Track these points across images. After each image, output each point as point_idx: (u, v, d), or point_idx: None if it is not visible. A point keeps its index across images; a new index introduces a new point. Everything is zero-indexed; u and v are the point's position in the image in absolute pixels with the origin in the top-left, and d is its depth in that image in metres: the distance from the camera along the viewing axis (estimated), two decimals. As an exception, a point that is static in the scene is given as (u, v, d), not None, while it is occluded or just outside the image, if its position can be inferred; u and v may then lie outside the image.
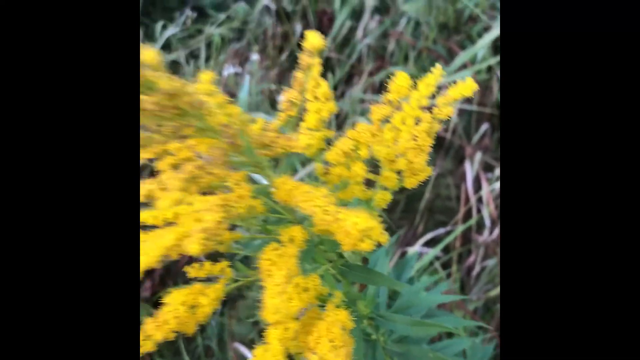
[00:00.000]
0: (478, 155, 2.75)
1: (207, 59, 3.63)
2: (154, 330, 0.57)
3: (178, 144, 0.56)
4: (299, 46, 0.66)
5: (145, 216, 0.64)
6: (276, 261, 0.52)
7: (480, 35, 2.91)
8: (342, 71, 3.21)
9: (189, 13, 3.92)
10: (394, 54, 3.16)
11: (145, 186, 0.55)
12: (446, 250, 2.54)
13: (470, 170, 2.76)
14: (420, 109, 0.63)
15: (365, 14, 3.27)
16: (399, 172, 0.61)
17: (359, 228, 0.46)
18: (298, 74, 0.63)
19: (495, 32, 2.69)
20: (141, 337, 0.57)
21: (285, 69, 3.26)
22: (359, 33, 3.22)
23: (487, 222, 2.49)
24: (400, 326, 0.77)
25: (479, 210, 2.60)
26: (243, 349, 2.44)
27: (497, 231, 2.45)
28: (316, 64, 0.63)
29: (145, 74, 0.45)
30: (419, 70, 2.96)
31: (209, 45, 3.68)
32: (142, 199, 0.56)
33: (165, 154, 0.58)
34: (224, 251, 0.61)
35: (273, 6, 3.65)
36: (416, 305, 0.91)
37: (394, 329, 0.77)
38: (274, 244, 0.55)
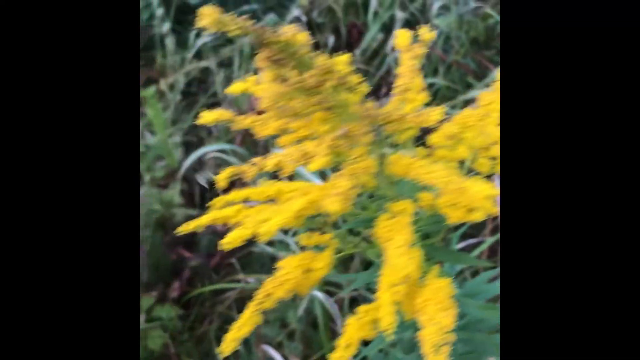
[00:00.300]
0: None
1: (239, 67, 3.70)
2: (274, 289, 0.62)
3: (300, 122, 0.61)
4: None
5: (250, 192, 0.69)
6: (393, 228, 0.58)
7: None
8: (371, 82, 3.27)
9: (220, 22, 3.98)
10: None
11: (275, 158, 0.60)
12: (474, 259, 2.57)
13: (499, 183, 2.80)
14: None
15: (395, 27, 3.34)
16: (493, 159, 0.66)
17: (484, 194, 0.51)
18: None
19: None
20: (262, 295, 0.62)
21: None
22: (389, 45, 3.29)
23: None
24: (472, 309, 0.82)
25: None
26: (271, 351, 2.47)
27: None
28: (415, 59, 0.69)
29: (301, 51, 0.50)
30: (448, 83, 3.02)
31: (240, 53, 3.75)
32: (271, 168, 0.61)
33: (286, 132, 0.64)
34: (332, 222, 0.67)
35: (304, 18, 3.72)
36: (479, 293, 0.96)
37: (467, 312, 0.82)
38: (386, 215, 0.61)
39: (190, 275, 2.81)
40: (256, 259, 2.81)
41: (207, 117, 0.67)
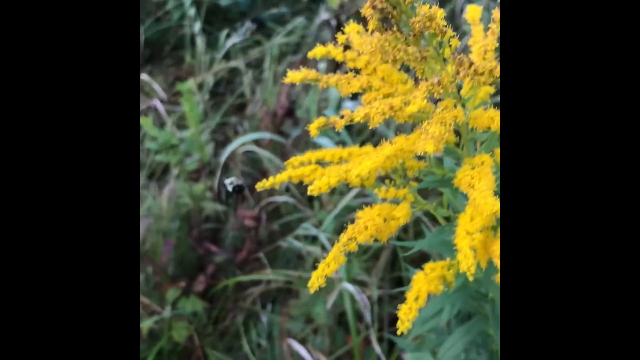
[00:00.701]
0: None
1: (269, 68, 3.75)
2: (356, 233, 0.65)
3: (382, 82, 0.65)
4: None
5: (324, 153, 0.73)
6: (475, 176, 0.61)
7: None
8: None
9: (249, 25, 4.06)
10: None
11: (363, 110, 0.64)
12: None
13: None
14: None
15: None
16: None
17: None
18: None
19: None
20: (346, 241, 0.66)
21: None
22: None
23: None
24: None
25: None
26: (297, 345, 2.49)
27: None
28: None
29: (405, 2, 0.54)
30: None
31: (270, 55, 3.80)
32: (360, 119, 0.64)
33: (369, 89, 0.68)
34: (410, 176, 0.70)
35: (333, 21, 3.77)
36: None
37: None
38: (466, 167, 0.64)
39: (215, 269, 2.84)
40: (282, 255, 2.84)
41: (294, 76, 0.71)
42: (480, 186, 0.60)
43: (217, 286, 2.68)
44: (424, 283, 0.70)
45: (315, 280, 0.67)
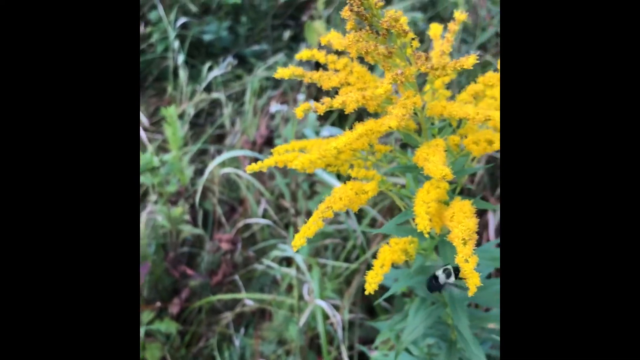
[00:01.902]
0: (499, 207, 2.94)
1: (249, 101, 3.88)
2: (332, 203, 0.77)
3: (357, 78, 0.78)
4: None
5: (307, 143, 0.85)
6: (430, 152, 0.74)
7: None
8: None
9: (230, 59, 4.20)
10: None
11: (341, 98, 0.76)
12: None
13: (492, 220, 2.95)
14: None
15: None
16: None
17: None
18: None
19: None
20: (324, 209, 0.77)
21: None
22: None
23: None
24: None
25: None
26: (269, 365, 2.55)
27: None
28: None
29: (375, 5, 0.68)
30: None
31: (251, 89, 3.93)
32: (338, 105, 0.77)
33: (347, 84, 0.81)
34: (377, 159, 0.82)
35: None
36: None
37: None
38: (424, 147, 0.77)
39: (190, 293, 2.88)
40: (257, 279, 2.91)
41: (283, 72, 0.83)
42: (433, 159, 0.72)
43: (191, 307, 2.73)
44: (388, 253, 0.82)
45: (297, 240, 0.78)
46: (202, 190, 3.16)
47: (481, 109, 0.72)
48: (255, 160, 3.14)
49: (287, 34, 4.32)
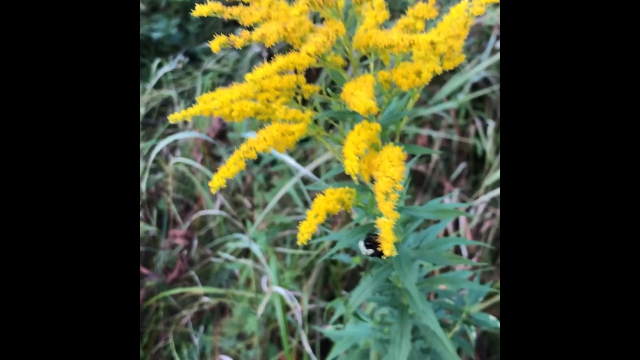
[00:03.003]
0: (456, 192, 2.96)
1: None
2: (255, 143, 0.72)
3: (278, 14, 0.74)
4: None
5: (232, 92, 0.80)
6: (358, 87, 0.70)
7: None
8: None
9: (180, 57, 4.13)
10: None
11: (260, 30, 0.72)
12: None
13: (447, 201, 2.95)
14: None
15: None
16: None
17: (436, 40, 0.64)
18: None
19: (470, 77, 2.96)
20: (246, 149, 0.72)
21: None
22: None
23: (464, 253, 2.66)
24: (423, 213, 0.94)
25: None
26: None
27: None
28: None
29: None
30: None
31: (201, 86, 3.87)
32: (257, 38, 0.72)
33: (269, 19, 0.76)
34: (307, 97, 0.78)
35: (265, 53, 3.89)
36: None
37: (417, 216, 0.93)
38: (351, 82, 0.73)
39: (147, 293, 2.80)
40: (215, 275, 2.84)
41: (201, 9, 0.78)
42: (359, 93, 0.68)
43: (145, 304, 2.64)
44: (322, 202, 0.78)
45: (216, 181, 0.73)
46: (156, 190, 3.08)
47: (405, 35, 0.68)
48: (211, 153, 3.04)
49: (238, 32, 4.25)
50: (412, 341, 1.21)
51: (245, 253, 2.74)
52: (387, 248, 0.66)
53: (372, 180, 0.74)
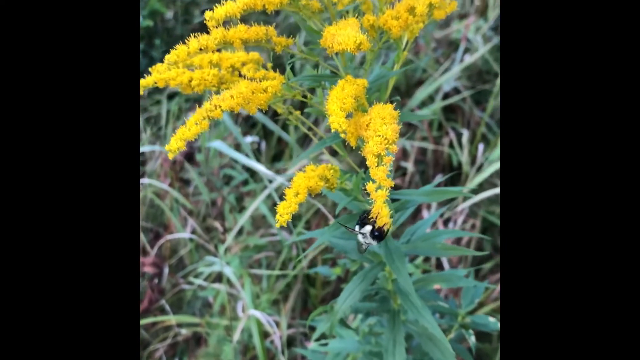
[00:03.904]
0: (434, 204, 2.88)
1: (166, 124, 3.70)
2: (221, 101, 0.61)
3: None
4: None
5: (193, 59, 0.70)
6: (342, 26, 0.60)
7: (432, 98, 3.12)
8: None
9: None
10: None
11: None
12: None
13: (427, 216, 2.87)
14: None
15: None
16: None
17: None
18: None
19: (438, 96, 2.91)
20: (210, 107, 0.61)
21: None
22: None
23: (446, 265, 2.57)
24: (416, 197, 0.83)
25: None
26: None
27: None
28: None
29: None
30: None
31: (167, 112, 3.76)
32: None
33: None
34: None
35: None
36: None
37: (410, 200, 0.83)
38: (332, 26, 0.63)
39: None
40: (188, 303, 2.70)
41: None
42: (344, 32, 0.58)
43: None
44: (303, 180, 0.67)
45: (174, 143, 0.62)
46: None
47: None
48: (179, 177, 2.92)
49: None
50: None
51: (219, 278, 2.60)
52: (382, 221, 0.56)
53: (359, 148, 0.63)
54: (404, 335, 1.03)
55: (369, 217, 0.74)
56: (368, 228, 0.74)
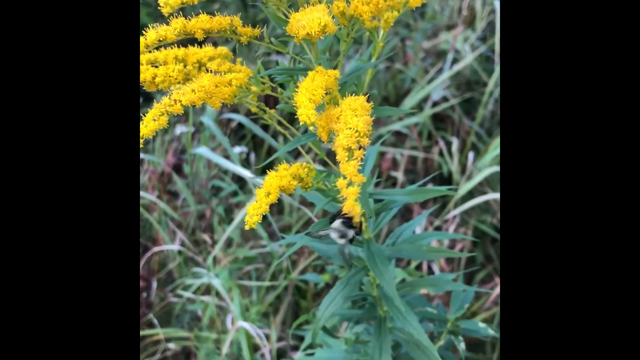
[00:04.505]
0: (425, 213, 2.84)
1: (154, 137, 3.67)
2: (181, 95, 0.58)
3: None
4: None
5: (157, 55, 0.67)
6: (310, 11, 0.57)
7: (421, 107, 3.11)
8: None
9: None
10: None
11: None
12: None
13: (419, 229, 2.83)
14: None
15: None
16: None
17: None
18: None
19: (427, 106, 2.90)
20: (169, 102, 0.58)
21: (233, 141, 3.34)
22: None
23: (435, 269, 2.53)
24: (398, 196, 0.80)
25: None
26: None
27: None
28: None
29: None
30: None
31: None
32: None
33: None
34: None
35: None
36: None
37: (394, 199, 0.79)
38: (299, 12, 0.60)
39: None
40: (177, 317, 2.65)
41: None
42: (310, 16, 0.55)
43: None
44: (275, 179, 0.63)
45: (145, 128, 0.58)
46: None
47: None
48: (167, 190, 2.88)
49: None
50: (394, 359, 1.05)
51: (208, 290, 2.55)
52: (356, 216, 0.52)
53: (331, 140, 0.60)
54: (391, 343, 0.99)
55: (341, 215, 0.70)
56: (338, 222, 0.70)
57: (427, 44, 3.34)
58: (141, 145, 0.59)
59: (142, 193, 2.82)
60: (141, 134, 0.60)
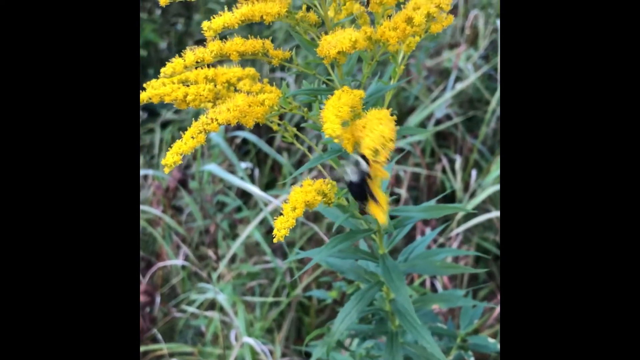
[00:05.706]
0: (428, 230, 2.87)
1: (159, 152, 3.69)
2: (218, 114, 0.60)
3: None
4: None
5: (187, 75, 0.69)
6: (339, 34, 0.60)
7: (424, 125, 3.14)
8: None
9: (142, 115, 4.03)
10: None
11: None
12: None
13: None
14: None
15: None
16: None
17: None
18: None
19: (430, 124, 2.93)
20: (207, 120, 0.60)
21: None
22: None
23: (438, 286, 2.55)
24: (415, 213, 0.82)
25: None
26: None
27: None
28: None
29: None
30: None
31: (160, 141, 3.76)
32: None
33: None
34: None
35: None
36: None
37: (409, 216, 0.82)
38: (329, 35, 0.63)
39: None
40: (180, 333, 2.66)
41: None
42: (340, 35, 0.58)
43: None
44: (300, 194, 0.66)
45: (170, 158, 0.61)
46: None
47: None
48: (172, 205, 2.90)
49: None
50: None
51: (212, 306, 2.56)
52: (381, 214, 0.56)
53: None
54: (403, 357, 1.01)
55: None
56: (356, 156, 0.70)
57: (430, 62, 3.38)
58: (173, 166, 0.62)
59: (146, 208, 2.84)
60: (180, 151, 0.62)
